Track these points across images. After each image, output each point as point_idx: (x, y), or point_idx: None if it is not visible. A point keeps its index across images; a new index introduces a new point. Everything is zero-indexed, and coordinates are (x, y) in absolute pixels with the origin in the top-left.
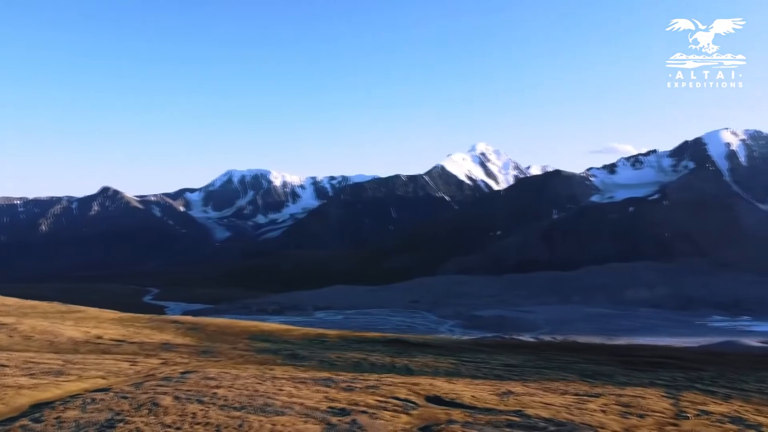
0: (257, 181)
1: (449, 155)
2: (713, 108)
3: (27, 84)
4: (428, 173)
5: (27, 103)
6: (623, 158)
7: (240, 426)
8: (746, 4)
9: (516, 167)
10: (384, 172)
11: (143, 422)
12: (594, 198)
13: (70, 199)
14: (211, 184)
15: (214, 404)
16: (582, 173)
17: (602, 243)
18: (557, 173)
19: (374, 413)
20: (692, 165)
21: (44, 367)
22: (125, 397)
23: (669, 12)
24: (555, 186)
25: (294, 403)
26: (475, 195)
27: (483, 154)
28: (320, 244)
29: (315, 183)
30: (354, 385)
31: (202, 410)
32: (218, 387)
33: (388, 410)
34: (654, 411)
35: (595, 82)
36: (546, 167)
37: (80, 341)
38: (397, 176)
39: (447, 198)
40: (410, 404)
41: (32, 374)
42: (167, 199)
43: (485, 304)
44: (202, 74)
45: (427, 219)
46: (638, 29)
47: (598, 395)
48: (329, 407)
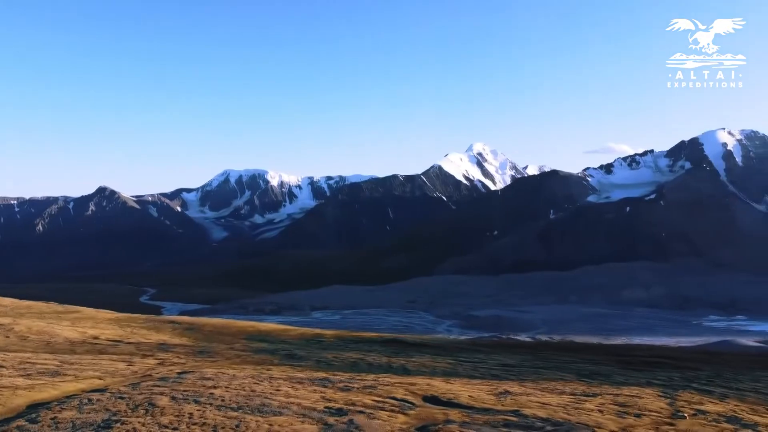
0: (254, 181)
1: (446, 155)
2: (710, 108)
3: (25, 84)
4: (425, 173)
5: (24, 103)
6: (620, 158)
7: (237, 426)
8: (746, 4)
9: (513, 167)
10: (381, 172)
11: (140, 422)
12: (591, 198)
13: (67, 199)
14: (208, 184)
15: (211, 404)
16: (579, 173)
17: (599, 243)
18: (554, 173)
19: (371, 413)
20: (689, 165)
21: (40, 368)
22: (122, 398)
23: (669, 12)
24: (552, 186)
25: (291, 403)
26: (472, 195)
27: (480, 154)
28: (317, 244)
29: (312, 183)
30: (351, 385)
31: (199, 410)
32: (215, 387)
33: (386, 410)
34: (650, 410)
35: (593, 82)
36: (543, 167)
37: (77, 341)
38: (395, 176)
39: (444, 198)
40: (407, 404)
41: (28, 375)
42: (164, 199)
43: (482, 304)
44: (201, 74)
45: (425, 219)
46: (638, 29)
47: (595, 395)
48: (326, 407)
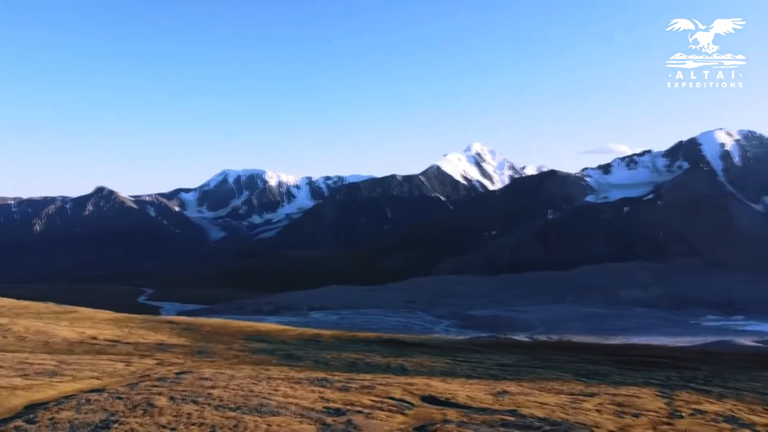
0: (252, 181)
1: (445, 155)
2: (708, 108)
3: (24, 84)
4: (424, 173)
5: (22, 103)
6: (618, 158)
7: (235, 426)
8: (746, 4)
9: (511, 167)
10: (379, 172)
11: (138, 423)
12: (589, 198)
13: (65, 199)
14: (206, 184)
15: (210, 405)
16: (577, 173)
17: (597, 243)
18: (552, 173)
19: (369, 413)
20: (686, 165)
21: (38, 368)
22: (120, 398)
23: (669, 12)
24: (550, 186)
25: (289, 404)
26: (471, 195)
27: (478, 154)
28: (315, 244)
29: (310, 183)
30: (349, 385)
31: (197, 411)
32: (213, 387)
33: (384, 410)
34: (648, 410)
35: (591, 83)
36: (541, 167)
37: (75, 342)
38: (393, 176)
39: (442, 198)
40: (405, 404)
41: (26, 375)
42: (162, 199)
43: (480, 304)
44: (200, 74)
45: (423, 219)
46: (637, 29)
47: (593, 395)
48: (324, 407)
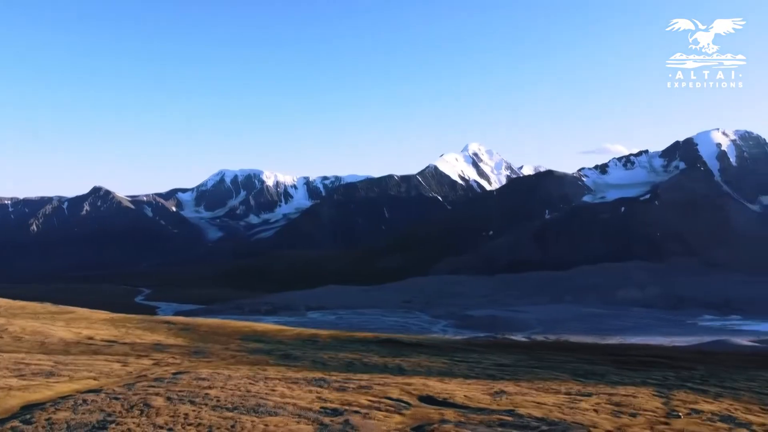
0: (250, 181)
1: (442, 155)
2: (706, 109)
3: (24, 84)
4: (421, 173)
5: (20, 103)
6: (615, 158)
7: (232, 426)
8: (746, 4)
9: (508, 167)
10: (377, 172)
11: (135, 423)
12: (586, 198)
13: (61, 199)
14: (203, 184)
15: (207, 405)
16: (574, 173)
17: (594, 243)
18: (549, 173)
19: (367, 413)
20: (683, 165)
21: (35, 368)
22: (117, 398)
23: (669, 12)
24: (547, 186)
25: (287, 404)
26: (468, 195)
27: (475, 155)
28: (313, 244)
29: (308, 183)
30: (347, 386)
31: (194, 411)
32: (210, 388)
33: (381, 410)
34: (646, 410)
35: (589, 83)
36: (538, 167)
37: (71, 342)
38: (390, 176)
39: (440, 198)
40: (403, 404)
41: (23, 375)
42: (159, 199)
43: (478, 304)
44: (199, 74)
45: (420, 219)
46: (636, 29)
47: (591, 394)
48: (322, 407)
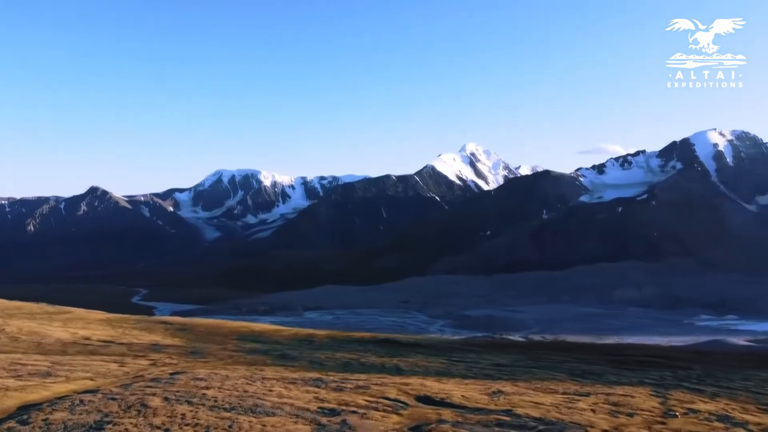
0: (247, 181)
1: (439, 155)
2: (703, 109)
3: (23, 84)
4: (418, 173)
5: (19, 103)
6: (612, 158)
7: (230, 427)
8: (746, 4)
9: (506, 167)
10: (374, 172)
11: (132, 423)
12: (583, 198)
13: (58, 199)
14: (201, 184)
15: (204, 405)
16: (571, 173)
17: (591, 243)
18: (547, 173)
19: (364, 413)
20: (680, 165)
21: (31, 369)
22: (114, 399)
23: (669, 12)
24: (544, 186)
25: (284, 404)
26: (465, 195)
27: (473, 155)
28: (310, 244)
29: (305, 183)
30: (344, 386)
31: (192, 411)
32: (208, 388)
33: (379, 410)
34: (643, 410)
35: (587, 83)
36: (536, 167)
37: (68, 342)
38: (388, 176)
39: (437, 198)
40: (400, 404)
41: (19, 376)
42: (156, 199)
43: (475, 304)
44: (199, 74)
45: (418, 219)
46: (636, 29)
47: (588, 394)
48: (319, 407)
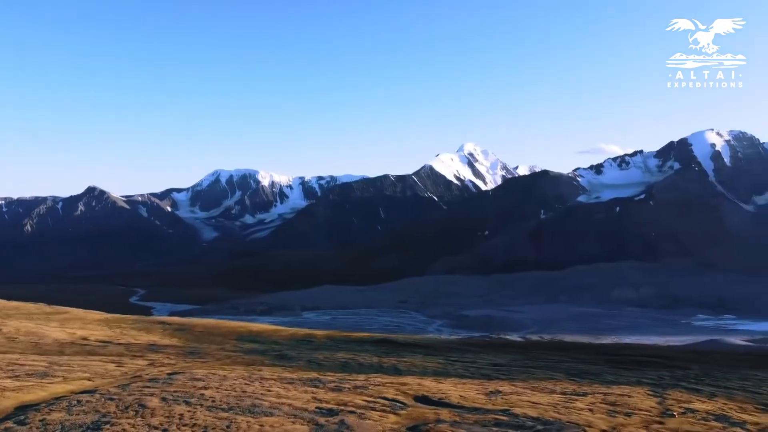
0: (245, 181)
1: (437, 155)
2: (702, 109)
3: (23, 84)
4: (416, 173)
5: (18, 103)
6: (610, 159)
7: (228, 427)
8: (746, 4)
9: (504, 167)
10: (372, 172)
11: (130, 424)
12: (581, 198)
13: (56, 199)
14: (199, 184)
15: (202, 405)
16: (569, 173)
17: (589, 243)
18: (545, 173)
19: (362, 413)
20: (678, 165)
21: (29, 369)
22: (111, 399)
23: (669, 12)
24: (542, 186)
25: (282, 404)
26: (463, 195)
27: (471, 155)
28: (308, 245)
29: (303, 183)
30: (342, 386)
31: (190, 411)
32: (206, 388)
33: (377, 410)
34: (640, 409)
35: (585, 83)
36: (533, 167)
37: (66, 342)
38: (386, 176)
39: (435, 198)
40: (398, 404)
41: (16, 376)
42: (154, 199)
43: (473, 304)
44: (198, 74)
45: (416, 219)
46: (636, 29)
47: (585, 394)
48: (317, 408)
